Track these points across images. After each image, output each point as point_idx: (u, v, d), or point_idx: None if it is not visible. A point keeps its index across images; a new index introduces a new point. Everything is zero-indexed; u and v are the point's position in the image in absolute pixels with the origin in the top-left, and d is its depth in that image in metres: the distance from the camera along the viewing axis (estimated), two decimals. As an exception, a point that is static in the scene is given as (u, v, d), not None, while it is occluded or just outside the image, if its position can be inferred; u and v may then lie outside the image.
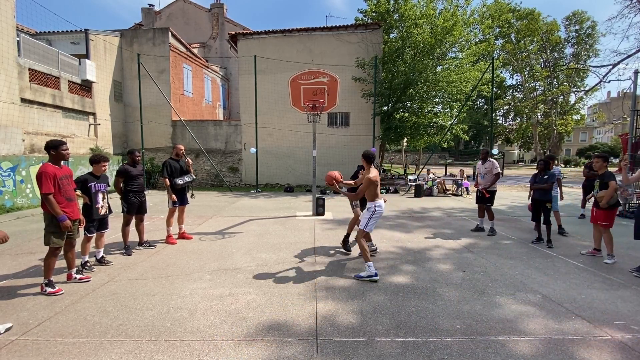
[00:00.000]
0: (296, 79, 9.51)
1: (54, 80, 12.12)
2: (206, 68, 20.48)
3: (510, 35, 32.32)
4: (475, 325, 3.16)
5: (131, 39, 16.05)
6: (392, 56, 15.24)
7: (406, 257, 5.34)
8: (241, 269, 4.70)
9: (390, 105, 15.35)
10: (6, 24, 9.89)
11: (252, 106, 14.69)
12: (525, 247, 5.92)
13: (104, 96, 14.83)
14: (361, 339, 2.90)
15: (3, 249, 5.70)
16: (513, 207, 10.71)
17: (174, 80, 16.33)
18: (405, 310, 3.45)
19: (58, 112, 12.36)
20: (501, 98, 37.86)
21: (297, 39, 15.33)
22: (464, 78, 15.09)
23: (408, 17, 14.74)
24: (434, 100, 16.13)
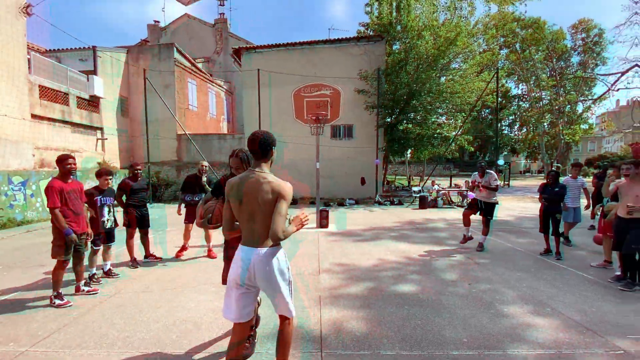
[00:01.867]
0: (299, 91, 9.58)
1: (63, 96, 12.37)
2: (210, 82, 20.78)
3: (515, 45, 32.20)
4: (482, 338, 3.08)
5: (137, 55, 16.38)
6: (395, 68, 15.32)
7: (411, 268, 5.28)
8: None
9: (393, 117, 15.37)
10: (18, 42, 10.17)
11: (255, 119, 14.80)
12: (533, 259, 5.79)
13: (111, 111, 15.08)
14: (366, 352, 2.86)
15: (14, 262, 5.78)
16: (520, 218, 10.53)
17: (179, 94, 16.56)
18: (411, 323, 3.39)
19: (67, 127, 12.58)
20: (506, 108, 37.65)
21: (300, 52, 15.50)
22: (468, 88, 15.10)
23: (411, 29, 14.85)
24: (438, 111, 16.13)
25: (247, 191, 2.14)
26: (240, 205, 2.17)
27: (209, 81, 20.61)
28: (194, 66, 19.03)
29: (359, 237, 7.77)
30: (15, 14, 10.09)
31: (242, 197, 2.14)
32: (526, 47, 31.93)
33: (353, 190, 15.28)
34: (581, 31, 33.99)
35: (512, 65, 32.70)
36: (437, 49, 14.39)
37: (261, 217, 2.11)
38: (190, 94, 17.84)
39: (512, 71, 33.58)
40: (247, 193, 2.14)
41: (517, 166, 52.88)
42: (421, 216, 10.92)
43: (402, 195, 15.84)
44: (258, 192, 2.10)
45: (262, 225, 2.12)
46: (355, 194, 15.16)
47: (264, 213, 2.09)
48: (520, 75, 34.04)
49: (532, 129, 37.46)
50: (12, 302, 4.02)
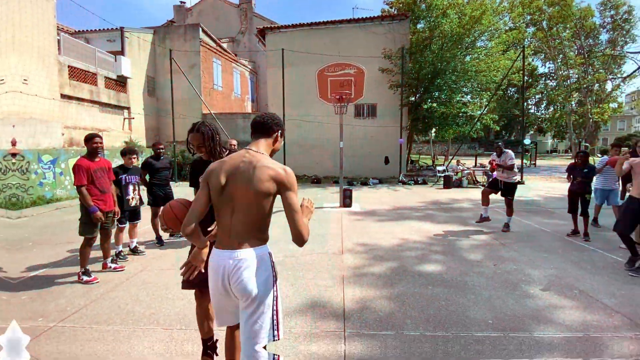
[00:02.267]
0: (323, 71, 9.52)
1: (91, 77, 12.71)
2: (235, 62, 20.84)
3: (541, 23, 30.76)
4: (507, 320, 3.04)
5: (163, 36, 16.55)
6: (420, 46, 14.99)
7: (435, 248, 5.30)
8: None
9: (418, 96, 15.13)
10: (47, 23, 10.30)
11: (279, 99, 14.86)
12: (560, 240, 5.71)
13: (137, 91, 15.43)
14: (389, 332, 2.85)
15: (43, 239, 5.89)
16: (547, 198, 10.38)
17: (204, 74, 16.74)
18: (435, 304, 3.38)
19: (95, 106, 12.99)
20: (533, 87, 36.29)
21: (324, 32, 15.29)
22: (493, 67, 14.72)
23: (435, 7, 14.40)
24: (463, 90, 15.79)
25: (235, 175, 1.65)
26: (221, 193, 1.67)
27: (234, 61, 20.68)
28: (219, 46, 19.08)
29: (382, 216, 7.83)
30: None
31: (227, 182, 1.66)
32: (553, 24, 30.45)
33: (377, 169, 15.30)
34: (610, 8, 32.30)
35: (539, 43, 31.43)
36: (462, 27, 13.94)
37: (246, 210, 1.64)
38: (215, 73, 18.00)
39: (539, 49, 32.28)
40: (234, 177, 1.65)
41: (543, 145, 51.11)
42: (445, 196, 10.91)
43: (426, 174, 15.78)
44: (251, 178, 1.61)
45: (244, 221, 1.65)
46: (379, 173, 15.19)
47: (251, 206, 1.63)
48: (547, 53, 32.70)
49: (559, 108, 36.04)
50: (41, 278, 4.10)
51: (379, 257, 4.90)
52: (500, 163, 6.28)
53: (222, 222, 1.70)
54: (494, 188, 6.46)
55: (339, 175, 9.43)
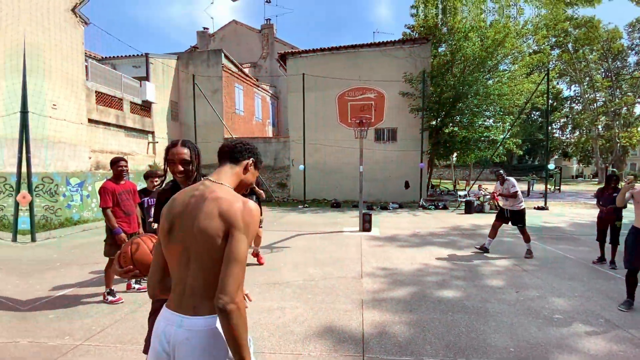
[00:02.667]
0: (343, 95, 9.56)
1: (117, 102, 13.14)
2: (256, 87, 21.34)
3: (567, 45, 30.41)
4: (530, 348, 2.97)
5: (187, 61, 17.16)
6: (441, 70, 14.95)
7: (456, 274, 5.16)
8: (289, 283, 4.73)
9: (439, 120, 14.95)
10: (76, 51, 10.75)
11: (300, 123, 14.99)
12: (586, 268, 5.49)
13: (161, 115, 15.88)
14: (409, 358, 2.83)
15: (71, 260, 6.08)
16: (572, 224, 9.97)
17: (226, 99, 17.15)
18: (455, 330, 3.32)
19: (121, 131, 13.38)
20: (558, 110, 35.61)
21: (345, 56, 15.53)
22: (516, 90, 14.45)
23: (457, 31, 14.44)
24: (485, 113, 15.51)
25: (182, 212, 1.27)
26: (169, 238, 1.28)
27: (255, 86, 21.18)
28: (241, 71, 19.64)
29: (402, 241, 7.66)
30: (74, 24, 10.65)
31: (173, 223, 1.28)
32: (579, 47, 30.02)
33: (397, 193, 15.01)
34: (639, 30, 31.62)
35: (564, 66, 30.93)
36: (484, 50, 13.86)
37: (197, 259, 1.22)
38: (237, 98, 18.42)
39: (564, 72, 31.76)
40: (181, 215, 1.27)
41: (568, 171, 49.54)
42: (467, 221, 10.55)
43: (447, 199, 15.34)
44: (197, 215, 1.23)
45: (202, 276, 1.22)
46: (399, 197, 14.89)
47: (201, 253, 1.21)
48: (572, 76, 32.12)
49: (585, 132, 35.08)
50: (68, 298, 4.23)
51: (398, 282, 4.82)
52: (502, 192, 6.23)
53: (175, 275, 1.29)
54: (502, 219, 6.37)
55: (359, 199, 9.25)
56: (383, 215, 11.93)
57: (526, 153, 39.70)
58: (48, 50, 9.67)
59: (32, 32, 8.91)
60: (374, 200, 14.77)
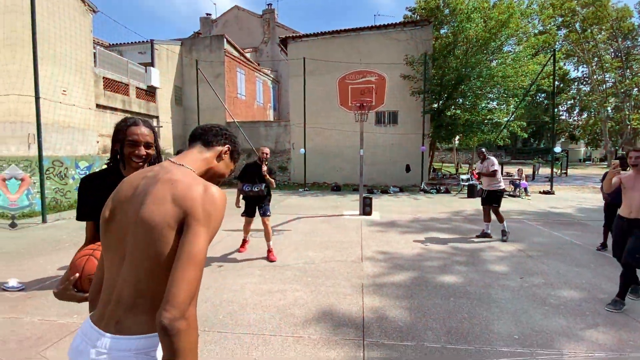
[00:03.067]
0: (344, 79, 9.55)
1: (123, 87, 13.32)
2: (258, 71, 21.32)
3: (574, 25, 29.55)
4: (534, 336, 2.92)
5: (190, 47, 17.18)
6: (443, 52, 14.79)
7: (457, 259, 5.16)
8: (289, 266, 4.80)
9: (441, 103, 14.88)
10: (85, 38, 11.02)
11: (300, 107, 15.04)
12: (593, 254, 5.40)
13: (166, 100, 16.02)
14: (409, 343, 2.81)
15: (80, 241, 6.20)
16: (579, 209, 9.85)
17: (228, 84, 17.21)
18: (457, 316, 3.29)
19: (127, 115, 13.56)
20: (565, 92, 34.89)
21: (345, 40, 15.41)
22: (521, 72, 14.22)
23: (460, 12, 14.19)
24: (489, 96, 15.38)
25: (129, 197, 1.01)
26: (106, 228, 1.03)
27: (257, 70, 21.17)
28: (243, 56, 19.61)
29: (402, 225, 7.70)
30: (83, 12, 10.90)
31: (115, 210, 1.02)
32: (587, 26, 29.09)
33: (398, 177, 15.12)
34: (650, 7, 30.50)
35: (572, 47, 30.09)
36: (488, 31, 13.63)
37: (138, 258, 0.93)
38: (239, 83, 18.49)
39: (571, 53, 30.93)
40: (125, 200, 1.01)
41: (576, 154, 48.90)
42: (469, 205, 10.59)
43: (449, 183, 15.43)
44: (143, 199, 0.96)
45: (128, 277, 0.94)
46: (399, 181, 15.00)
47: (140, 248, 0.93)
48: (580, 56, 31.25)
49: (593, 114, 34.39)
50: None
51: (399, 267, 4.83)
52: (482, 171, 6.16)
53: (106, 278, 1.02)
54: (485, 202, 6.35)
55: (359, 183, 9.38)
56: (384, 199, 12.05)
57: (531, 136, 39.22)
58: (58, 37, 9.91)
59: (42, 20, 9.04)
60: (375, 184, 14.90)
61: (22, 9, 8.58)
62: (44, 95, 8.21)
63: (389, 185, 14.67)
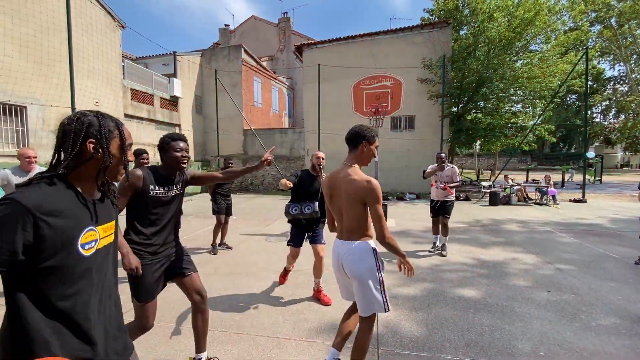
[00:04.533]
0: (359, 84, 9.47)
1: (149, 98, 13.90)
2: (274, 79, 21.64)
3: (609, 20, 28.02)
4: (563, 354, 2.73)
5: (209, 57, 17.66)
6: (463, 54, 14.34)
7: (478, 270, 4.87)
8: (303, 271, 4.77)
9: (460, 106, 14.44)
10: (115, 52, 11.69)
11: (315, 113, 15.03)
12: (632, 268, 4.94)
13: (187, 109, 16.50)
14: (425, 354, 2.74)
15: None
16: (614, 220, 9.02)
17: (245, 92, 17.53)
18: (477, 329, 3.14)
19: (151, 124, 14.12)
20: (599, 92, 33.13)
21: (360, 45, 15.30)
22: (549, 72, 13.49)
23: (481, 11, 13.76)
24: (513, 98, 14.77)
25: (337, 185, 2.24)
26: (330, 202, 2.33)
27: (273, 78, 21.50)
28: (259, 65, 19.96)
29: (418, 233, 7.43)
30: (113, 28, 11.56)
31: (332, 193, 2.29)
32: (624, 21, 27.39)
33: (414, 184, 14.73)
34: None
35: (607, 44, 28.51)
36: (512, 31, 13.10)
37: (348, 214, 2.20)
38: (255, 91, 18.80)
39: (607, 50, 29.32)
40: (335, 187, 2.25)
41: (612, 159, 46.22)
42: (491, 214, 10.09)
43: (470, 190, 14.88)
44: (345, 187, 2.17)
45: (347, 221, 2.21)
46: (416, 188, 14.61)
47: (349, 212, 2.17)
48: (617, 54, 29.56)
49: (632, 115, 32.42)
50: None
51: (416, 276, 4.63)
52: (444, 180, 5.60)
53: (338, 221, 2.36)
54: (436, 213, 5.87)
55: (373, 189, 9.18)
56: (399, 206, 11.76)
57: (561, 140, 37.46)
58: (91, 52, 10.63)
59: (77, 37, 9.70)
60: (390, 191, 14.57)
61: (59, 27, 9.23)
62: (79, 106, 8.66)
63: (405, 192, 14.31)
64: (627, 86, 32.43)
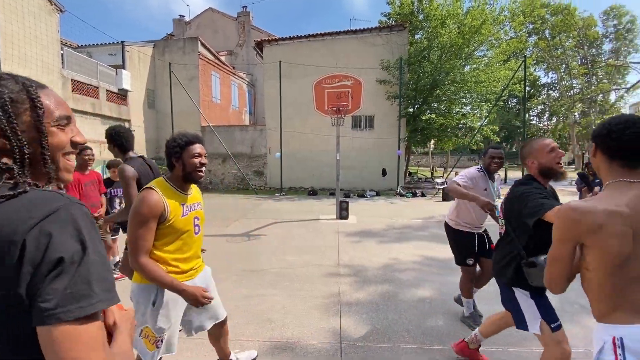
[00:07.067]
0: (320, 82, 9.53)
1: (93, 90, 12.84)
2: (233, 75, 21.07)
3: (544, 32, 30.93)
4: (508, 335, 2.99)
5: (163, 49, 16.79)
6: (418, 57, 15.05)
7: (433, 263, 5.18)
8: (266, 271, 4.75)
9: (416, 107, 15.12)
10: (51, 38, 10.57)
11: (276, 111, 14.94)
12: None
13: (138, 104, 15.56)
14: (386, 345, 2.89)
15: None
16: None
17: (202, 87, 16.90)
18: (433, 318, 3.39)
19: (97, 119, 13.09)
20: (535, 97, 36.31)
21: (321, 44, 15.45)
22: (493, 77, 14.64)
23: (434, 17, 14.52)
24: (462, 100, 15.75)
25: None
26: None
27: (232, 74, 20.92)
28: (218, 59, 19.34)
29: (379, 229, 7.68)
30: (49, 12, 10.48)
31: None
32: (556, 34, 30.52)
33: (374, 181, 15.21)
34: (613, 17, 32.37)
35: (541, 53, 31.44)
36: (461, 37, 14.00)
37: None
38: (213, 86, 18.20)
39: (541, 59, 32.30)
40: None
41: (545, 158, 50.75)
42: (444, 209, 10.66)
43: (425, 187, 15.65)
44: None
45: None
46: (376, 185, 15.10)
47: None
48: (549, 63, 32.69)
49: (562, 118, 35.97)
50: None
51: (376, 270, 4.84)
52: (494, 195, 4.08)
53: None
54: None
55: (336, 187, 9.36)
56: (360, 203, 12.06)
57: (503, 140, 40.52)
58: (23, 37, 9.49)
59: (6, 20, 8.69)
60: (351, 188, 14.93)
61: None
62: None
63: (365, 189, 14.73)
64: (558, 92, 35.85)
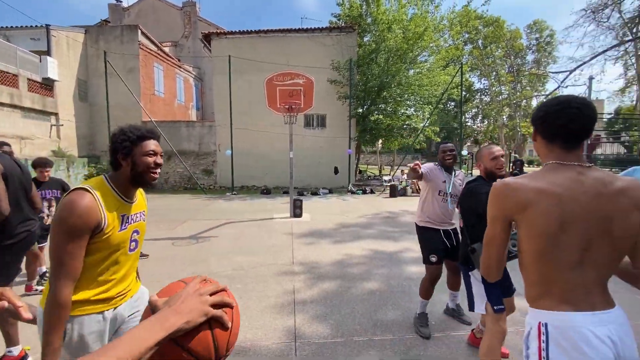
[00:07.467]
0: (272, 79, 9.38)
1: (11, 78, 11.40)
2: (178, 68, 19.97)
3: (477, 41, 33.67)
4: (447, 320, 3.33)
5: (97, 36, 15.40)
6: (367, 59, 15.49)
7: (382, 256, 5.43)
8: (217, 274, 4.62)
9: (365, 108, 15.56)
10: None
11: (226, 107, 14.45)
12: None
13: (67, 95, 14.11)
14: (339, 340, 2.98)
15: None
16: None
17: (144, 79, 15.79)
18: (382, 310, 3.55)
19: (16, 111, 11.64)
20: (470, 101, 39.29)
21: (272, 40, 15.24)
22: (434, 82, 15.58)
23: (381, 22, 15.04)
24: (407, 102, 16.50)
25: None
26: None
27: (177, 66, 19.81)
28: (161, 50, 18.20)
29: (332, 226, 7.82)
30: None
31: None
32: (487, 44, 33.44)
33: (327, 179, 15.40)
34: (535, 31, 36.26)
35: (475, 61, 34.18)
36: (406, 42, 14.67)
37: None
38: (156, 79, 17.08)
39: (475, 66, 35.08)
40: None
41: (478, 157, 55.03)
42: (391, 204, 11.27)
43: (374, 184, 16.18)
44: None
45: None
46: (328, 183, 15.29)
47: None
48: (482, 70, 35.64)
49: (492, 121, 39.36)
50: None
51: (329, 267, 4.92)
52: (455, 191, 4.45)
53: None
54: None
55: (289, 185, 9.32)
56: (314, 200, 12.18)
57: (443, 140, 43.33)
58: None
59: None
60: (305, 186, 14.98)
61: None
62: None
63: (318, 187, 14.86)
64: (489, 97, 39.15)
